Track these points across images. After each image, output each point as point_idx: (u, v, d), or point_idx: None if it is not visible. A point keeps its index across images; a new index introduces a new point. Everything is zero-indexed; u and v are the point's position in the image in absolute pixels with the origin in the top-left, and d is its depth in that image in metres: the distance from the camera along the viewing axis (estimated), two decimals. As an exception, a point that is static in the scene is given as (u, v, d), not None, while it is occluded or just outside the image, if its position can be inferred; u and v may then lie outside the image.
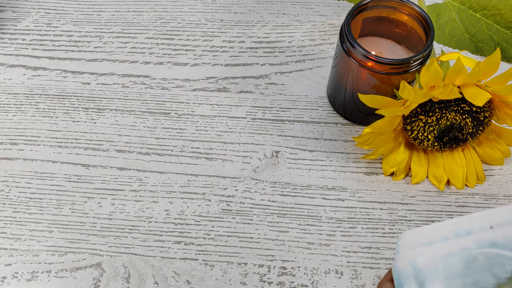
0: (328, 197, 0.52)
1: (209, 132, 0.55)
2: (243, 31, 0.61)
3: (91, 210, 0.52)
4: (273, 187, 0.53)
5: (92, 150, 0.55)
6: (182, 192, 0.53)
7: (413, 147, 0.52)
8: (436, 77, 0.45)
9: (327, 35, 0.61)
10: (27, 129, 0.56)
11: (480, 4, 0.59)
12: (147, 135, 0.55)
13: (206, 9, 0.63)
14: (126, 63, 0.59)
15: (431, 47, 0.49)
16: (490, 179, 0.53)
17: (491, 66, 0.45)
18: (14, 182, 0.53)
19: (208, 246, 0.50)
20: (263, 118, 0.56)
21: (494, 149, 0.52)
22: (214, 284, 0.49)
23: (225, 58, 0.60)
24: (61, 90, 0.58)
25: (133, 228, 0.51)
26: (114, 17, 0.62)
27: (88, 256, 0.50)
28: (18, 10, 0.63)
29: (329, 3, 0.63)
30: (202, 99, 0.57)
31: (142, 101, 0.57)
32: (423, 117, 0.48)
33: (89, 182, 0.53)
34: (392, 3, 0.51)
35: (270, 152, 0.55)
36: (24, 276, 0.49)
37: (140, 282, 0.49)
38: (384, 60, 0.48)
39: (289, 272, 0.49)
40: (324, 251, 0.50)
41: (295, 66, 0.59)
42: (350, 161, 0.54)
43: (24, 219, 0.51)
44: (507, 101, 0.47)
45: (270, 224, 0.51)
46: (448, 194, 0.53)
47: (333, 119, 0.56)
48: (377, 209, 0.52)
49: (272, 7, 0.63)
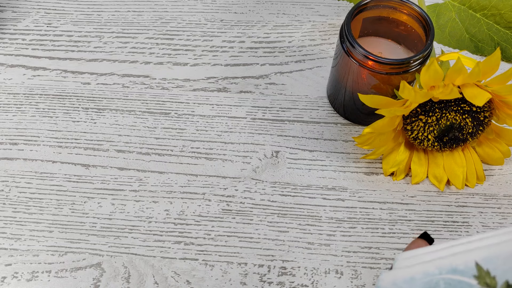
0: (328, 197, 0.52)
1: (209, 132, 0.56)
2: (243, 31, 0.61)
3: (91, 210, 0.52)
4: (273, 187, 0.53)
5: (92, 150, 0.55)
6: (182, 192, 0.53)
7: (413, 147, 0.52)
8: (436, 77, 0.45)
9: (327, 35, 0.61)
10: (27, 129, 0.56)
11: (480, 4, 0.59)
12: (147, 135, 0.55)
13: (206, 9, 0.63)
14: (126, 63, 0.59)
15: (431, 47, 0.49)
16: (490, 179, 0.53)
17: (491, 66, 0.45)
18: (14, 182, 0.53)
19: (208, 246, 0.50)
20: (263, 118, 0.56)
21: (494, 149, 0.52)
22: (214, 284, 0.49)
23: (225, 58, 0.60)
24: (61, 90, 0.58)
25: (133, 228, 0.51)
26: (114, 17, 0.62)
27: (88, 256, 0.50)
28: (18, 10, 0.63)
29: (329, 3, 0.63)
30: (202, 99, 0.57)
31: (142, 101, 0.57)
32: (423, 117, 0.48)
33: (89, 182, 0.53)
34: (392, 3, 0.51)
35: (270, 152, 0.55)
36: (24, 276, 0.49)
37: (140, 282, 0.49)
38: (384, 60, 0.48)
39: (289, 272, 0.49)
40: (324, 251, 0.50)
41: (295, 66, 0.59)
42: (350, 161, 0.54)
43: (24, 219, 0.51)
44: (507, 101, 0.47)
45: (270, 224, 0.51)
46: (448, 194, 0.53)
47: (333, 119, 0.56)
48: (377, 209, 0.52)
49: (272, 7, 0.63)
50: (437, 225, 0.51)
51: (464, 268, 0.32)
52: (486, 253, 0.32)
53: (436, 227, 0.51)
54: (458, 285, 0.32)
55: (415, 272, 0.34)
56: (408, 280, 0.34)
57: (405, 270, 0.34)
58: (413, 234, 0.51)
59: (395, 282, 0.34)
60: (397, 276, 0.34)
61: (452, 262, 0.33)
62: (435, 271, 0.33)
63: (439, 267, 0.33)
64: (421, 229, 0.51)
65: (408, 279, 0.34)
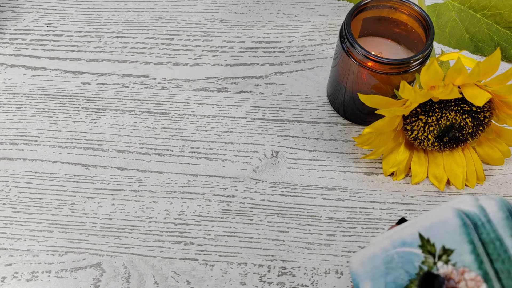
0: (328, 197, 0.52)
1: (209, 132, 0.56)
2: (243, 31, 0.61)
3: (91, 210, 0.52)
4: (273, 187, 0.53)
5: (92, 150, 0.55)
6: (182, 192, 0.53)
7: (413, 147, 0.52)
8: (436, 77, 0.45)
9: (327, 35, 0.61)
10: (27, 129, 0.56)
11: (480, 4, 0.59)
12: (147, 135, 0.55)
13: (206, 9, 0.63)
14: (126, 63, 0.59)
15: (431, 47, 0.49)
16: (490, 179, 0.53)
17: (491, 66, 0.45)
18: (14, 182, 0.53)
19: (208, 246, 0.50)
20: (263, 118, 0.56)
21: (494, 149, 0.52)
22: (214, 284, 0.49)
23: (225, 58, 0.60)
24: (61, 90, 0.58)
25: (133, 228, 0.51)
26: (114, 17, 0.62)
27: (88, 256, 0.50)
28: (18, 10, 0.63)
29: (329, 3, 0.63)
30: (202, 99, 0.57)
31: (142, 101, 0.57)
32: (423, 117, 0.48)
33: (89, 182, 0.53)
34: (392, 3, 0.51)
35: (270, 152, 0.55)
36: (24, 276, 0.49)
37: (140, 282, 0.49)
38: (384, 60, 0.48)
39: (289, 272, 0.49)
40: (324, 251, 0.50)
41: (295, 66, 0.59)
42: (350, 161, 0.54)
43: (24, 219, 0.51)
44: (507, 101, 0.47)
45: (270, 224, 0.51)
46: (448, 194, 0.53)
47: (333, 119, 0.56)
48: (377, 209, 0.52)
49: (272, 7, 0.63)
50: (437, 225, 0.51)
51: (411, 240, 0.35)
52: (427, 223, 0.35)
53: (436, 227, 0.51)
54: (408, 256, 0.35)
55: (376, 250, 0.37)
56: (371, 257, 0.37)
57: (369, 249, 0.37)
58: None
59: (363, 261, 0.37)
60: (363, 255, 0.37)
61: (402, 235, 0.36)
62: (389, 246, 0.36)
63: (392, 242, 0.36)
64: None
65: (371, 256, 0.37)
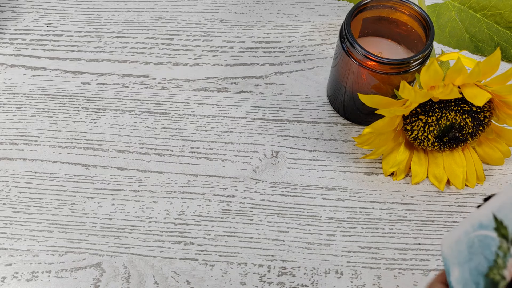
0: (328, 197, 0.52)
1: (209, 132, 0.56)
2: (243, 31, 0.61)
3: (91, 210, 0.52)
4: (273, 187, 0.53)
5: (92, 150, 0.55)
6: (182, 192, 0.53)
7: (413, 147, 0.52)
8: (436, 77, 0.45)
9: (327, 35, 0.61)
10: (27, 129, 0.56)
11: (480, 4, 0.59)
12: (147, 135, 0.55)
13: (206, 9, 0.63)
14: (126, 63, 0.59)
15: (431, 47, 0.49)
16: (490, 179, 0.53)
17: (491, 66, 0.45)
18: (14, 182, 0.53)
19: (208, 246, 0.50)
20: (263, 118, 0.56)
21: (494, 149, 0.52)
22: (214, 284, 0.49)
23: (225, 58, 0.60)
24: (61, 90, 0.58)
25: (133, 228, 0.51)
26: (114, 17, 0.62)
27: (88, 256, 0.50)
28: (18, 10, 0.63)
29: (329, 3, 0.63)
30: (202, 99, 0.57)
31: (142, 101, 0.57)
32: (423, 117, 0.48)
33: (89, 182, 0.53)
34: (392, 3, 0.51)
35: (270, 152, 0.55)
36: (24, 276, 0.49)
37: (140, 282, 0.49)
38: (384, 60, 0.48)
39: (289, 272, 0.49)
40: (324, 251, 0.50)
41: (295, 66, 0.59)
42: (350, 161, 0.54)
43: (24, 219, 0.51)
44: (507, 101, 0.47)
45: (270, 224, 0.51)
46: (448, 194, 0.53)
47: (333, 119, 0.56)
48: (377, 209, 0.52)
49: (272, 7, 0.63)
50: (437, 225, 0.51)
51: (487, 222, 0.32)
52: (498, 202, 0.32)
53: (436, 227, 0.51)
54: (485, 240, 0.32)
55: (460, 233, 0.34)
56: (457, 242, 0.34)
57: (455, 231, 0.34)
58: (413, 234, 0.51)
59: (451, 245, 0.34)
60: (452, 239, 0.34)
61: (479, 217, 0.33)
62: (470, 228, 0.33)
63: (472, 224, 0.33)
64: (421, 229, 0.51)
65: (457, 240, 0.34)
